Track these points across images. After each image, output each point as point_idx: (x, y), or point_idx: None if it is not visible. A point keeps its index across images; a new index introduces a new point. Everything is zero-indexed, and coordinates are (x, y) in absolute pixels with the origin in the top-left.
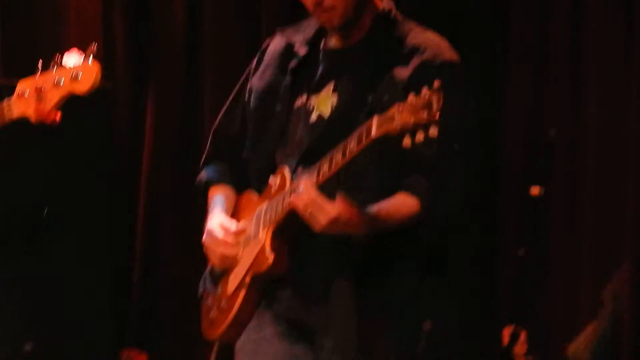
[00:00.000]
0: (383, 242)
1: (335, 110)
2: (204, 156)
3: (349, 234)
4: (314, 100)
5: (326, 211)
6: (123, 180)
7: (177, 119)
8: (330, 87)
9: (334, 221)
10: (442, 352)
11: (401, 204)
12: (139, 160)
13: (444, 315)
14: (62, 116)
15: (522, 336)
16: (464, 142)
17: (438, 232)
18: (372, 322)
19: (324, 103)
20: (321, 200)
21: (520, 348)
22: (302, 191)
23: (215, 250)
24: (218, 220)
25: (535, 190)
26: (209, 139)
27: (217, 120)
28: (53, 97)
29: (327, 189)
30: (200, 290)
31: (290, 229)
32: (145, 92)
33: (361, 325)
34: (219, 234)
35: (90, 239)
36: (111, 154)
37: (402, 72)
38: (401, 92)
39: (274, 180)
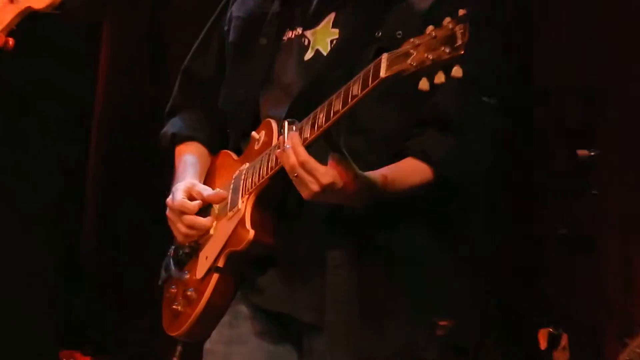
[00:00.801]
0: (388, 213)
1: (336, 47)
2: (169, 103)
3: (344, 204)
4: (310, 35)
5: (318, 176)
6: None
7: (137, 54)
8: (330, 19)
9: (327, 189)
10: (460, 354)
11: (410, 170)
12: (91, 111)
13: (463, 307)
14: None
15: (563, 340)
16: (493, 88)
17: (454, 203)
18: (376, 318)
19: (322, 38)
20: (312, 162)
21: (561, 355)
22: (288, 148)
23: (182, 224)
24: (186, 186)
25: (583, 152)
26: (177, 81)
27: (188, 57)
28: (7, 15)
29: (323, 146)
30: (163, 275)
31: (277, 197)
32: (100, 27)
33: (363, 322)
34: (188, 202)
35: (37, 205)
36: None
37: (420, 1)
38: (418, 25)
39: (257, 136)
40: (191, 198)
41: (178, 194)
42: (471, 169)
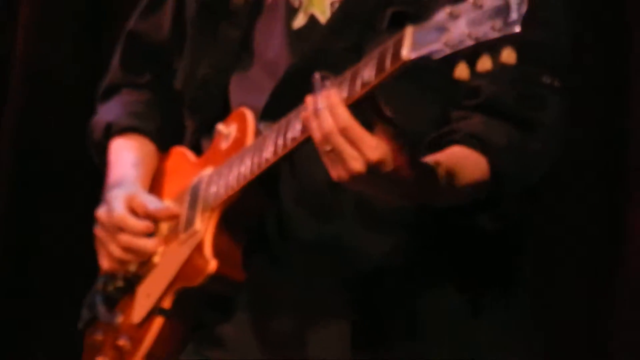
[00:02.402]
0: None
1: (340, 12)
2: (105, 81)
3: (386, 199)
4: None
5: (364, 149)
6: None
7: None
8: None
9: (375, 169)
10: None
11: (467, 161)
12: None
13: None
14: None
15: None
16: (562, 71)
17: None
18: None
19: (319, 0)
20: (358, 129)
21: None
22: (323, 109)
23: (114, 246)
24: (124, 194)
25: None
26: (118, 50)
27: (134, 16)
28: None
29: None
30: (85, 316)
31: (250, 216)
32: None
33: None
34: (130, 218)
35: None
36: None
37: None
38: None
39: (225, 130)
40: (131, 212)
41: (117, 204)
42: (536, 175)
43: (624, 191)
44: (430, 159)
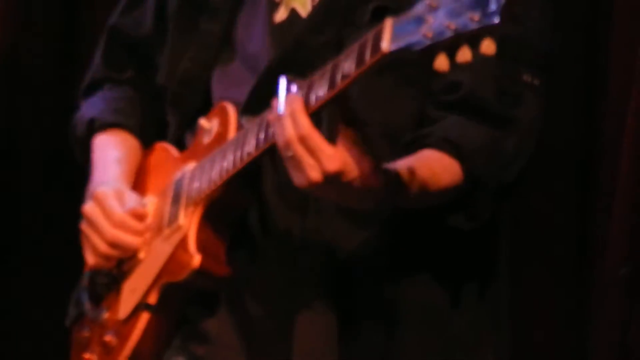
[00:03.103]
0: (392, 236)
1: (320, 6)
2: (87, 77)
3: (349, 205)
4: None
5: (322, 158)
6: None
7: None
8: None
9: (332, 179)
10: None
11: (439, 165)
12: None
13: None
14: None
15: None
16: (538, 65)
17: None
18: None
19: None
20: (316, 138)
21: None
22: (285, 116)
23: (100, 242)
24: (108, 191)
25: None
26: (100, 46)
27: (116, 12)
28: None
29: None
30: (72, 313)
31: (234, 211)
32: None
33: None
34: (110, 213)
35: None
36: None
37: None
38: None
39: (207, 125)
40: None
41: (112, 202)
42: (511, 174)
43: (596, 188)
44: (402, 164)
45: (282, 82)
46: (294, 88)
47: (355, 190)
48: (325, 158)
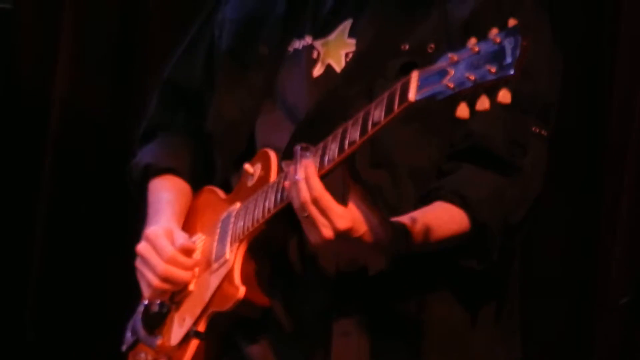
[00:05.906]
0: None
1: (353, 62)
2: (145, 124)
3: (362, 262)
4: (320, 46)
5: (332, 217)
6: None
7: (102, 57)
8: (345, 27)
9: (343, 235)
10: None
11: (445, 217)
12: (46, 122)
13: None
14: None
15: None
16: (546, 117)
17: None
18: None
19: (335, 51)
20: (327, 199)
21: None
22: (300, 180)
23: (153, 277)
24: (159, 231)
25: None
26: (156, 96)
27: (170, 66)
28: None
29: (335, 182)
30: (129, 339)
31: (275, 247)
32: (59, 18)
33: None
34: (162, 250)
35: None
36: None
37: (459, 8)
38: (456, 36)
39: (250, 169)
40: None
41: (164, 242)
42: (517, 217)
43: (601, 199)
44: (408, 216)
45: (297, 150)
46: (308, 154)
47: (365, 245)
48: (335, 216)
